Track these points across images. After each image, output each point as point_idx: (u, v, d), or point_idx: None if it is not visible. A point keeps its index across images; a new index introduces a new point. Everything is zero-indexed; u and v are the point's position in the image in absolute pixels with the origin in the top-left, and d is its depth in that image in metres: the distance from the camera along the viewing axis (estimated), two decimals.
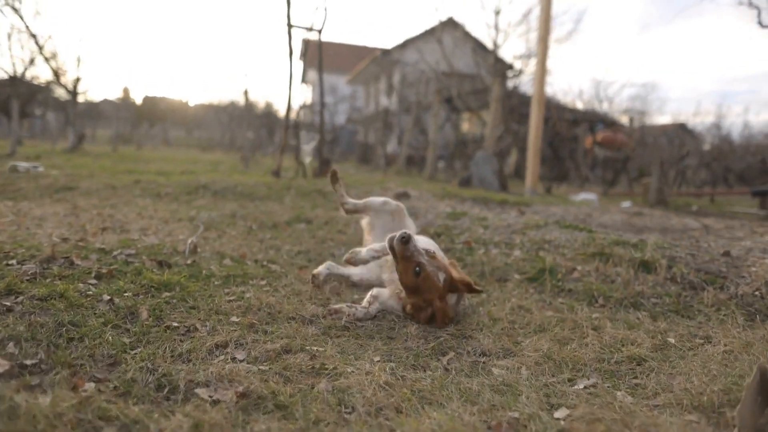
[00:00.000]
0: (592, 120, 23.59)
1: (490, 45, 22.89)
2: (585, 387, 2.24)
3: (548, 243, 4.59)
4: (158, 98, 44.39)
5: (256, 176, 10.55)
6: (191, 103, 48.90)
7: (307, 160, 11.66)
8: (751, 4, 11.00)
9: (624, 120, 26.60)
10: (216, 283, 3.27)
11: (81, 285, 2.88)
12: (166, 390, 1.97)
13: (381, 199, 3.81)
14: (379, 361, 2.38)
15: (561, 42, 22.70)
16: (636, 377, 2.36)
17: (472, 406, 2.00)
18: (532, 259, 4.21)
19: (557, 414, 1.98)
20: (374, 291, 3.12)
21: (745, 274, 3.70)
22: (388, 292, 3.11)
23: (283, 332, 2.59)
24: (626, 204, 10.16)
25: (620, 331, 2.88)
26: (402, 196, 6.93)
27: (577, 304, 3.39)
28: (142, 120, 36.55)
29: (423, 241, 3.41)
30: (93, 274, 3.10)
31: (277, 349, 2.37)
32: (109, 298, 2.73)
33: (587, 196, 11.70)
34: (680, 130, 29.93)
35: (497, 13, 21.78)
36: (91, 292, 2.79)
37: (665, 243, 4.41)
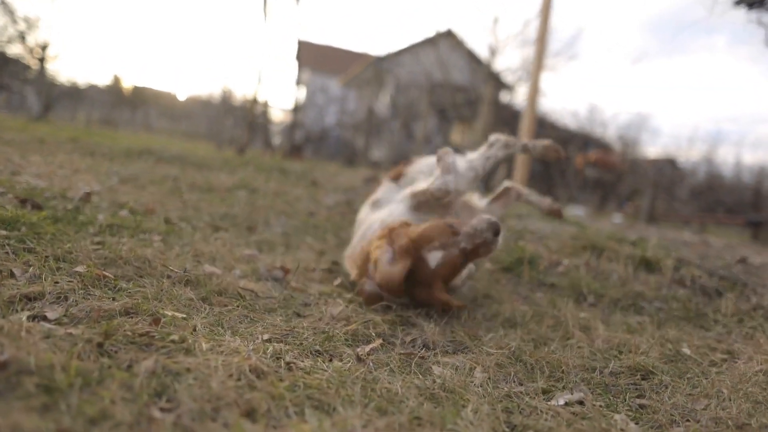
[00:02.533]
0: (585, 140, 23.07)
1: (486, 53, 22.28)
2: (567, 403, 1.47)
3: (531, 233, 3.84)
4: (147, 88, 43.21)
5: (221, 153, 9.71)
6: (181, 97, 47.62)
7: (277, 141, 10.83)
8: (760, 23, 10.46)
9: (617, 145, 26.13)
10: (90, 231, 2.46)
11: None
12: None
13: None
14: (266, 340, 1.59)
15: (558, 56, 21.96)
16: (641, 395, 1.60)
17: (383, 416, 1.22)
18: (509, 249, 3.45)
19: None
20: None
21: None
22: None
23: (140, 291, 1.79)
24: (617, 217, 9.47)
25: (617, 335, 2.12)
26: (371, 181, 6.17)
27: (561, 299, 2.63)
28: (123, 103, 35.17)
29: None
30: None
31: (114, 310, 1.57)
32: None
33: (576, 210, 11.01)
34: (670, 165, 29.47)
35: (495, 21, 21.21)
36: None
37: (669, 244, 3.68)
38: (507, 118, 20.71)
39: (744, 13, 10.56)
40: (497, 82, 20.67)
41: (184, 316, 1.64)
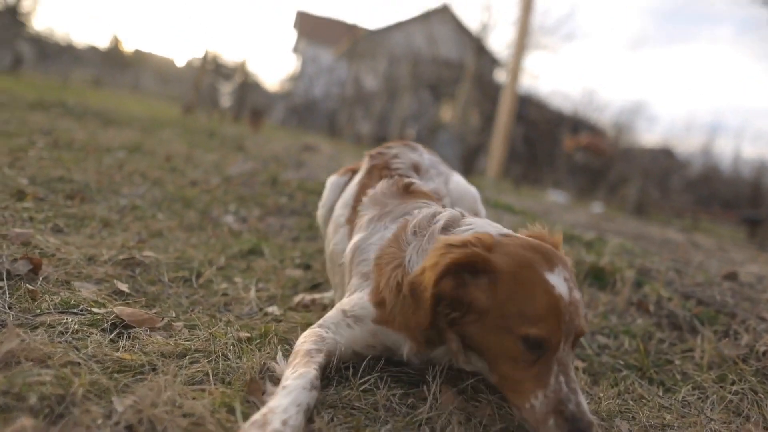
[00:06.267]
0: (576, 124, 22.19)
1: (478, 27, 21.38)
2: None
3: None
4: (148, 53, 42.28)
5: (166, 113, 8.78)
6: (179, 63, 46.17)
7: (226, 103, 9.90)
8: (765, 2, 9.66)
9: (611, 131, 25.30)
10: None
11: None
12: None
13: None
14: None
15: (552, 35, 20.84)
16: None
17: None
18: None
19: None
20: None
21: (766, 313, 2.12)
22: None
23: None
24: (597, 206, 8.61)
25: (509, 415, 1.27)
26: (308, 149, 5.31)
27: None
28: (116, 65, 34.33)
29: None
30: None
31: None
32: None
33: (556, 196, 10.15)
34: (665, 154, 28.70)
35: None
36: None
37: (635, 247, 2.83)
38: (494, 96, 19.74)
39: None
40: (489, 59, 19.72)
41: None
